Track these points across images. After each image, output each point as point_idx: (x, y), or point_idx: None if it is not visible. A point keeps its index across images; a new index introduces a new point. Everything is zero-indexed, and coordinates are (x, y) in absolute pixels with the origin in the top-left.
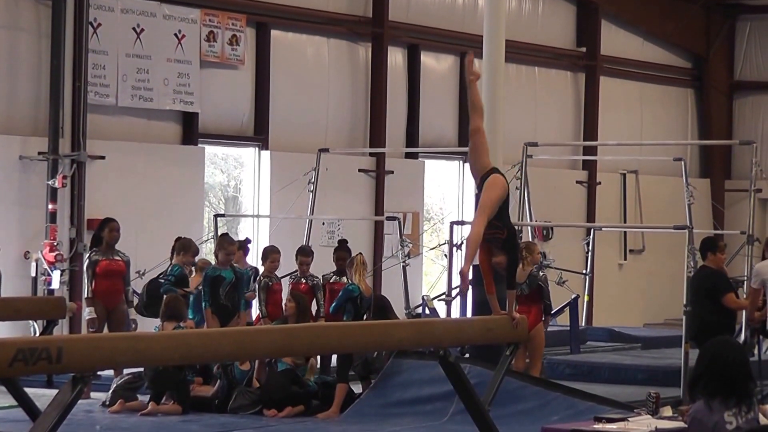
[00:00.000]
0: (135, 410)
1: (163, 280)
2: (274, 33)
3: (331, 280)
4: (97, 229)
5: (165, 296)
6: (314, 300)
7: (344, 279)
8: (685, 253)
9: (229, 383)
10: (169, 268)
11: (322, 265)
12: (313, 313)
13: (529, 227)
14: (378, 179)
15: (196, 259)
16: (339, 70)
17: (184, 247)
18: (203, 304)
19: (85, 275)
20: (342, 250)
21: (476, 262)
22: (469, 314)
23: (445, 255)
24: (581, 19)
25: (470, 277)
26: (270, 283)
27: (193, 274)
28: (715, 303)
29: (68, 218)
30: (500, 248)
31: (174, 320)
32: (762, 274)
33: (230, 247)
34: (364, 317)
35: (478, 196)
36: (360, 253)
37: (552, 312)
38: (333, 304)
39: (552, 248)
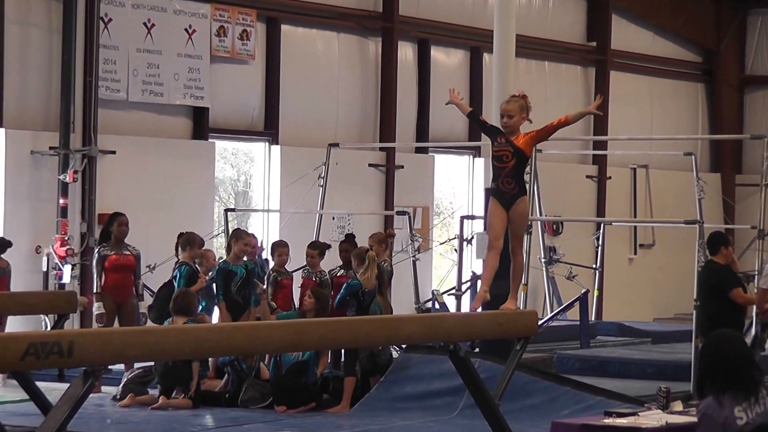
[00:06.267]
0: (145, 404)
1: (175, 284)
2: (285, 28)
3: (338, 274)
4: (106, 224)
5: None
6: None
7: (351, 272)
8: (695, 248)
9: (237, 376)
10: (176, 270)
11: (331, 261)
12: None
13: (539, 222)
14: (388, 174)
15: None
16: (349, 64)
17: (189, 241)
18: (217, 297)
19: (94, 270)
20: (347, 242)
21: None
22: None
23: (455, 249)
24: (591, 13)
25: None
26: (279, 278)
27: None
28: (723, 298)
29: (79, 213)
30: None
31: (184, 314)
32: None
33: (247, 238)
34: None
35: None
36: (371, 248)
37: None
38: (336, 299)
39: (562, 243)
